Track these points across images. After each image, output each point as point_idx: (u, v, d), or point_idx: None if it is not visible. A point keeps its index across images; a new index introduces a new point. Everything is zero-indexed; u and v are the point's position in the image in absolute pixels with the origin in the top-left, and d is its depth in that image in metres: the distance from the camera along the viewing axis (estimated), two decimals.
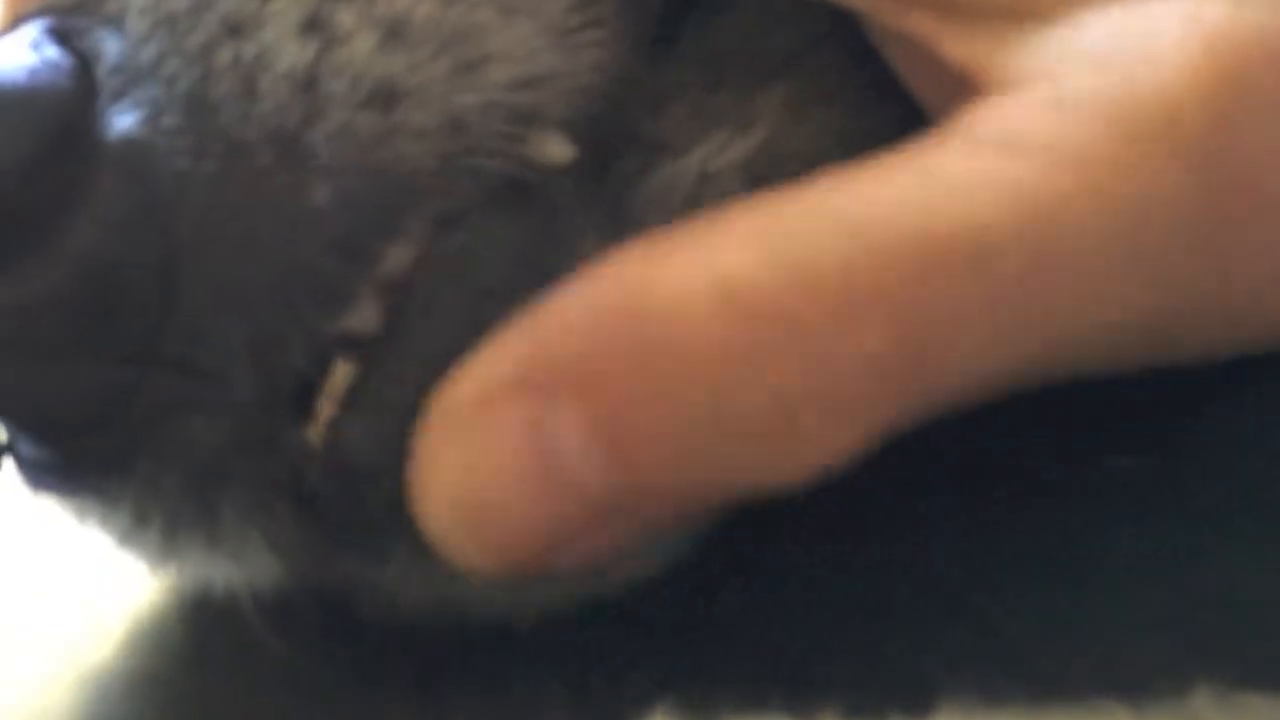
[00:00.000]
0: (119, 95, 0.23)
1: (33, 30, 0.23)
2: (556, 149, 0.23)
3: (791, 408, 0.21)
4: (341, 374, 0.23)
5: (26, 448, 0.24)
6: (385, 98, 0.23)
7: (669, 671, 0.24)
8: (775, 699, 0.23)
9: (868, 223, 0.21)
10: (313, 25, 0.23)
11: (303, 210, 0.22)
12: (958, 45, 0.22)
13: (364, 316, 0.23)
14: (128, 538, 0.25)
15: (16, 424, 0.23)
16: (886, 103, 0.25)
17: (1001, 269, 0.21)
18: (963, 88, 0.22)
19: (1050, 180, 0.21)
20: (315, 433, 0.23)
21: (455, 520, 0.21)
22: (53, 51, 0.23)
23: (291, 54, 0.23)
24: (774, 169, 0.24)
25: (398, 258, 0.23)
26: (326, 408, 0.23)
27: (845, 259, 0.21)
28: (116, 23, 0.23)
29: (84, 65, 0.23)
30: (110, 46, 0.23)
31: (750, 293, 0.20)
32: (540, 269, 0.23)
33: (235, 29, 0.23)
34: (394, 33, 0.23)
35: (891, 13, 0.22)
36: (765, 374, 0.20)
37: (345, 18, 0.23)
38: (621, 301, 0.21)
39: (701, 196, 0.24)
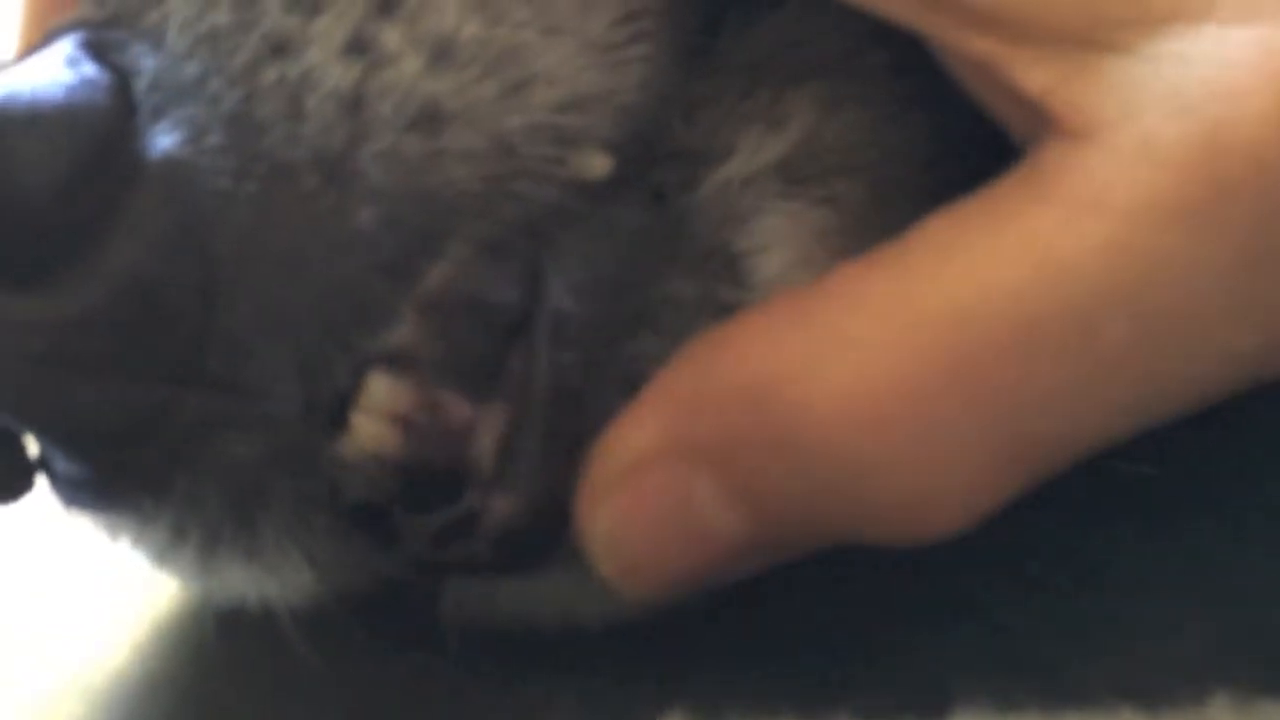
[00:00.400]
0: (158, 113, 0.23)
1: (68, 45, 0.23)
2: (596, 163, 0.23)
3: (912, 499, 0.22)
4: (376, 387, 0.23)
5: (61, 464, 0.24)
6: (431, 120, 0.23)
7: (681, 676, 0.25)
8: (788, 704, 0.23)
9: (971, 311, 0.22)
10: (357, 45, 0.23)
11: (346, 232, 0.22)
12: (1030, 72, 0.22)
13: (403, 333, 0.23)
14: (164, 554, 0.25)
15: (52, 441, 0.23)
16: (920, 107, 0.25)
17: (1109, 338, 0.21)
18: (1037, 113, 0.22)
19: (1151, 242, 0.21)
20: (350, 444, 0.23)
21: (611, 564, 0.24)
22: (90, 68, 0.23)
23: (337, 75, 0.23)
24: (810, 165, 0.24)
25: (439, 277, 0.23)
26: (361, 420, 0.23)
27: (957, 353, 0.22)
28: (154, 38, 0.23)
29: (121, 82, 0.23)
30: (148, 63, 0.23)
31: (868, 399, 0.22)
32: (626, 302, 0.24)
33: (279, 48, 0.23)
34: (440, 53, 0.23)
35: (960, 37, 0.22)
36: (888, 469, 0.22)
37: (390, 37, 0.23)
38: (750, 391, 0.22)
39: (745, 201, 0.24)
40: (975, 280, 0.22)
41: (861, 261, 0.23)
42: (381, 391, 0.23)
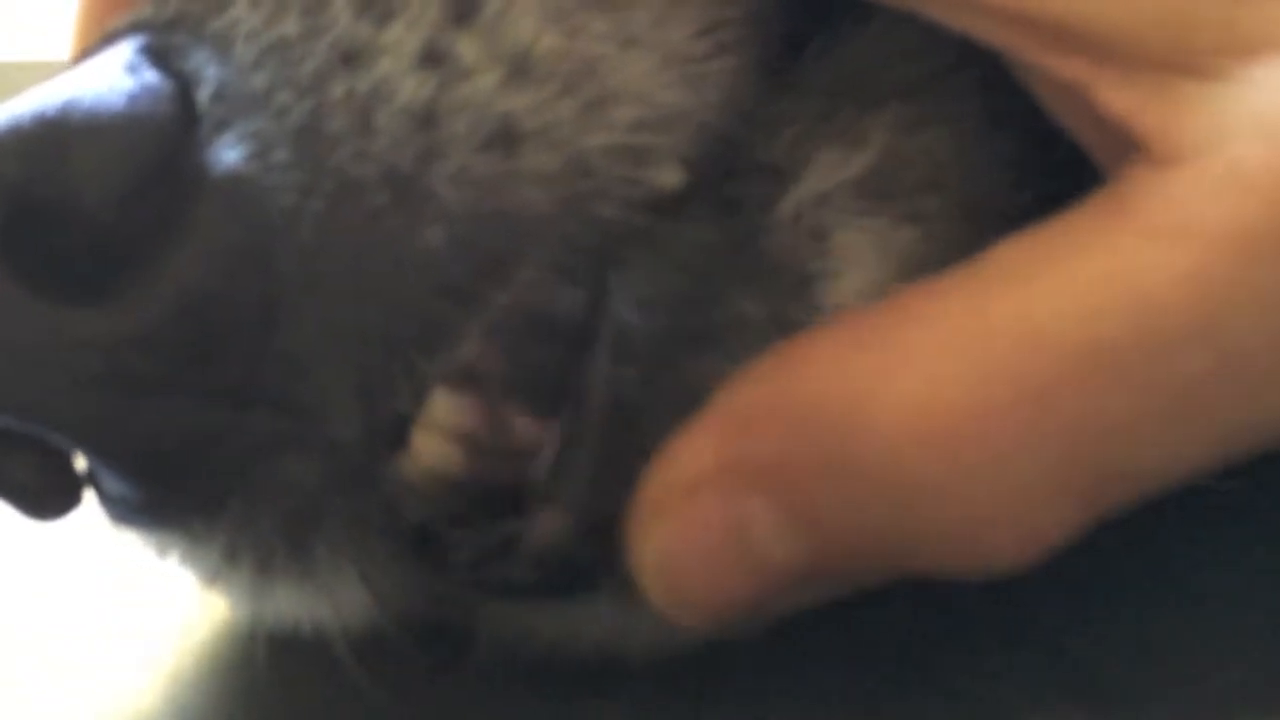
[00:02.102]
0: (222, 125, 0.22)
1: (127, 49, 0.22)
2: (669, 177, 0.23)
3: (977, 527, 0.21)
4: (440, 404, 0.22)
5: (111, 482, 0.23)
6: (506, 139, 0.22)
7: (730, 705, 0.24)
8: None
9: (1047, 334, 0.21)
10: (432, 57, 0.22)
11: (413, 253, 0.22)
12: (1116, 95, 0.21)
13: (467, 349, 0.22)
14: (215, 575, 0.24)
15: (104, 460, 0.23)
16: (1008, 127, 0.24)
17: (1188, 370, 0.21)
18: (1121, 137, 0.21)
19: (1236, 272, 0.20)
20: (412, 463, 0.22)
21: (662, 589, 0.23)
22: (151, 75, 0.22)
23: (409, 88, 0.22)
24: (890, 183, 0.24)
25: (506, 299, 0.22)
26: (423, 438, 0.22)
27: (1030, 376, 0.21)
28: (219, 44, 0.22)
29: (183, 91, 0.22)
30: (211, 71, 0.22)
31: (938, 418, 0.21)
32: (692, 319, 0.23)
33: (349, 58, 0.22)
34: (518, 68, 0.22)
35: (1045, 58, 0.22)
36: (954, 495, 0.21)
37: (466, 50, 0.22)
38: (807, 416, 0.22)
39: (822, 219, 0.23)
40: (1051, 304, 0.21)
41: (932, 282, 0.22)
42: (445, 408, 0.22)
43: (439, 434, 0.23)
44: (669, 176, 0.23)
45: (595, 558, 0.23)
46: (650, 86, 0.22)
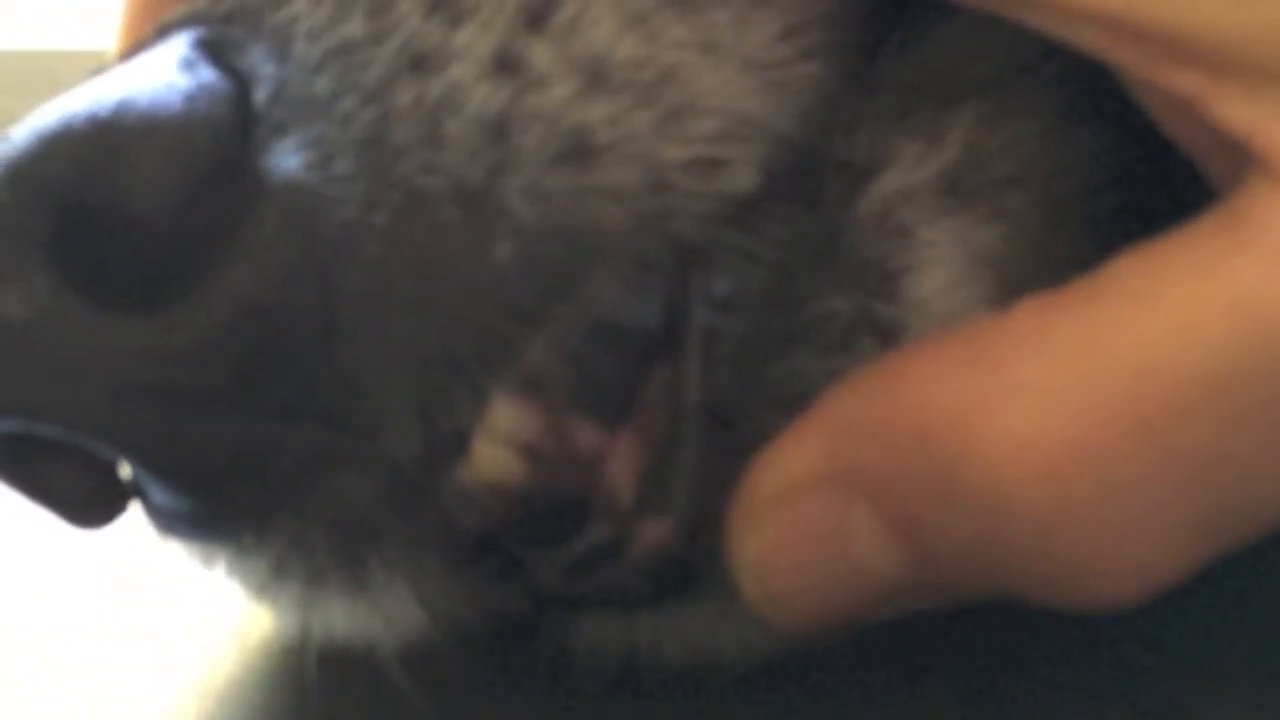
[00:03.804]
0: (281, 130, 0.21)
1: (182, 44, 0.21)
2: (745, 183, 0.22)
3: (1084, 563, 0.21)
4: (502, 413, 0.21)
5: (159, 494, 0.23)
6: (581, 153, 0.21)
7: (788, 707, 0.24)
8: None
9: (1164, 364, 0.20)
10: (505, 64, 0.21)
11: (482, 271, 0.21)
12: (1234, 109, 0.20)
13: (531, 358, 0.21)
14: (263, 589, 0.24)
15: (152, 473, 0.22)
16: (1093, 123, 0.23)
17: None
18: (1240, 153, 0.20)
19: None
20: (472, 473, 0.22)
21: (760, 592, 0.22)
22: (208, 73, 0.21)
23: (481, 97, 0.21)
24: (975, 176, 0.23)
25: (575, 313, 0.21)
26: (485, 447, 0.22)
27: (1131, 417, 0.20)
28: (278, 42, 0.21)
29: (241, 90, 0.21)
30: (268, 70, 0.21)
31: (1045, 452, 0.20)
32: (778, 318, 0.22)
33: (419, 62, 0.21)
34: (594, 77, 0.21)
35: (1158, 71, 0.21)
36: (1060, 529, 0.20)
37: (540, 56, 0.21)
38: (916, 425, 0.21)
39: (907, 214, 0.22)
40: (1169, 331, 0.20)
41: (1046, 299, 0.21)
42: (508, 417, 0.22)
43: (501, 444, 0.22)
44: (745, 183, 0.22)
45: (698, 562, 0.23)
46: (730, 95, 0.21)
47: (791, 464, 0.22)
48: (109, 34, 0.29)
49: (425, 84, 0.21)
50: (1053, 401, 0.20)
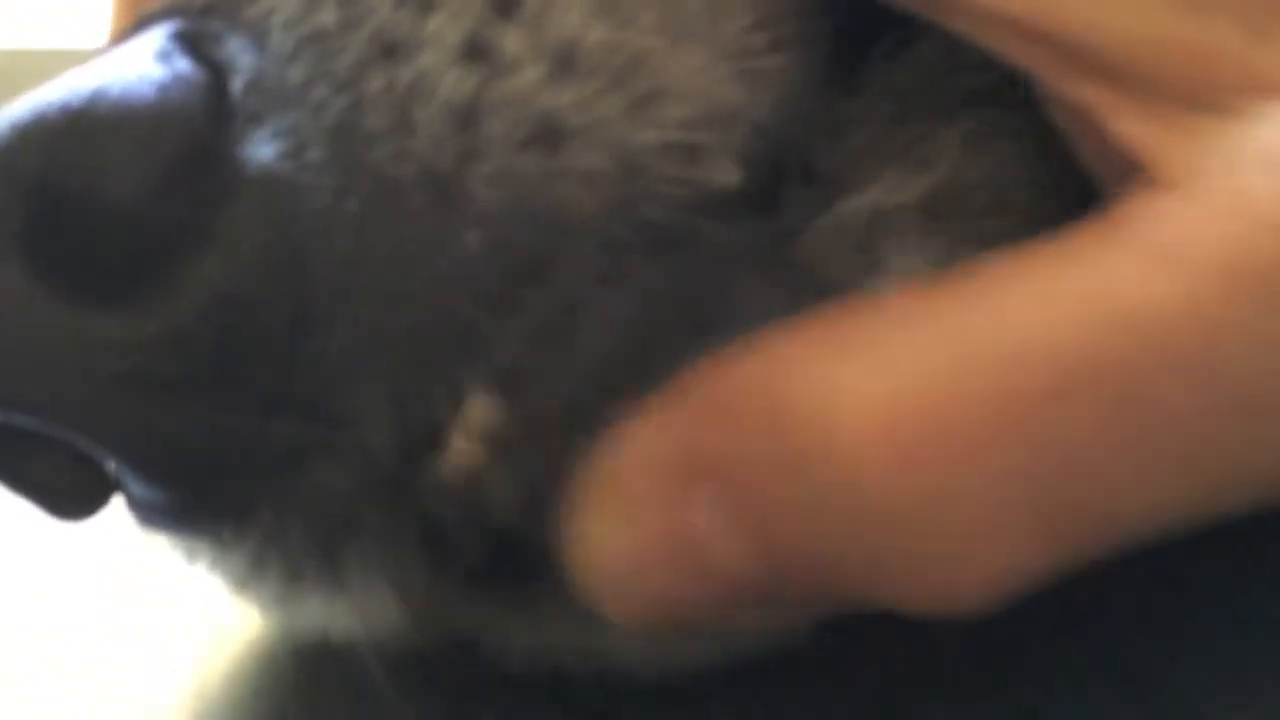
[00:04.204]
0: (256, 120, 0.21)
1: (159, 35, 0.21)
2: (723, 175, 0.21)
3: (922, 546, 0.20)
4: (477, 408, 0.21)
5: (138, 487, 0.23)
6: (550, 137, 0.21)
7: None
8: None
9: (1027, 348, 0.19)
10: (474, 50, 0.21)
11: (452, 258, 0.21)
12: (1129, 123, 0.20)
13: (504, 357, 0.21)
14: (243, 583, 0.23)
15: (128, 465, 0.22)
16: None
17: (1172, 401, 0.19)
18: (1129, 167, 0.20)
19: (1233, 302, 0.19)
20: (448, 467, 0.21)
21: (598, 583, 0.21)
22: (184, 64, 0.21)
23: (451, 83, 0.21)
24: (954, 206, 0.22)
25: (548, 304, 0.21)
26: (460, 441, 0.21)
27: (983, 396, 0.19)
28: (255, 33, 0.21)
29: (217, 81, 0.21)
30: (245, 60, 0.21)
31: (901, 429, 0.19)
32: (698, 315, 0.22)
33: (390, 50, 0.21)
34: (563, 62, 0.21)
35: (1062, 77, 0.21)
36: (911, 519, 0.20)
37: (511, 43, 0.21)
38: (767, 408, 0.20)
39: (876, 236, 0.22)
40: (1037, 318, 0.20)
41: (921, 289, 0.21)
42: (482, 410, 0.21)
43: (474, 437, 0.22)
44: (725, 176, 0.22)
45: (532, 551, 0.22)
46: (703, 82, 0.21)
47: (635, 445, 0.21)
48: (91, 34, 0.29)
49: (396, 71, 0.21)
50: (915, 382, 0.20)
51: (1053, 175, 0.23)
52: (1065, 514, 0.20)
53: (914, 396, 0.20)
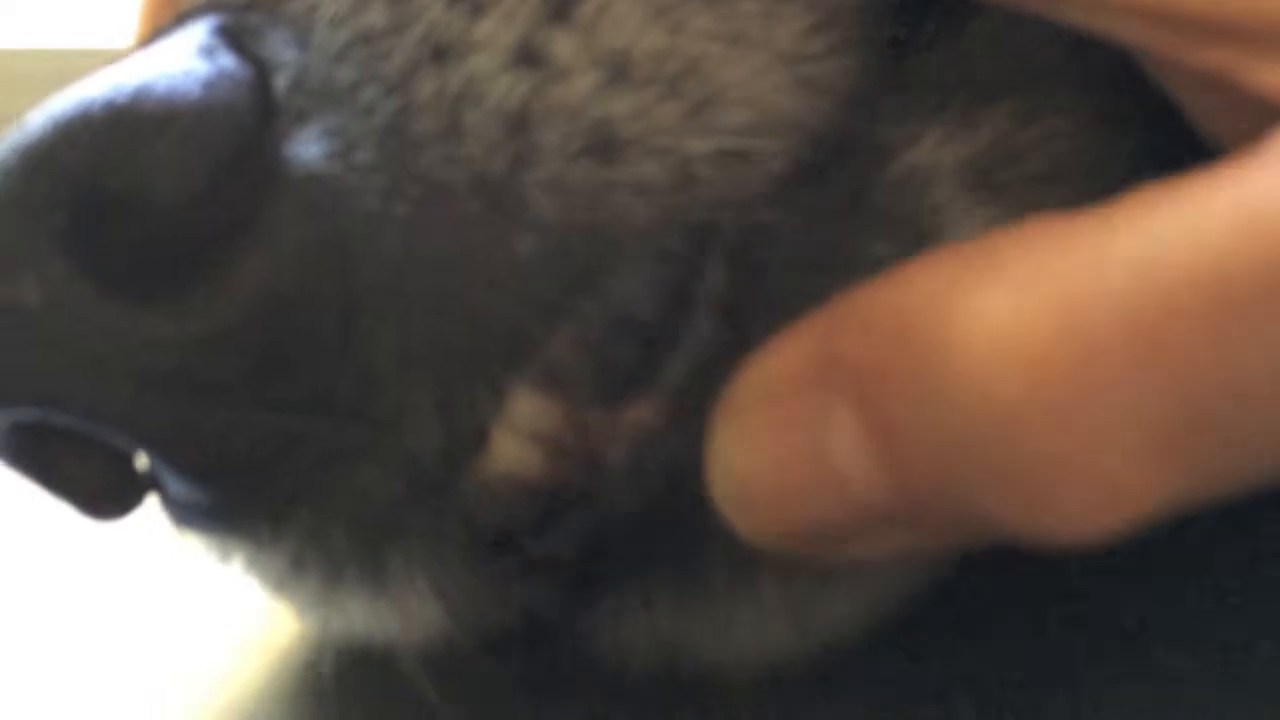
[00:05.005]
0: (302, 119, 0.20)
1: (201, 31, 0.21)
2: (774, 171, 0.21)
3: (1051, 476, 0.19)
4: (521, 406, 0.21)
5: (176, 486, 0.22)
6: (605, 146, 0.20)
7: None
8: None
9: (1156, 266, 0.19)
10: (526, 55, 0.21)
11: (502, 264, 0.20)
12: (1264, 75, 0.20)
13: (552, 356, 0.21)
14: (281, 584, 0.23)
15: (170, 464, 0.21)
16: (1126, 122, 0.23)
17: None
18: (1268, 115, 0.20)
19: None
20: (492, 469, 0.21)
21: (733, 500, 0.21)
22: (228, 60, 0.21)
23: (502, 88, 0.20)
24: (1005, 166, 0.22)
25: (597, 310, 0.21)
26: (503, 441, 0.21)
27: (1126, 309, 0.19)
28: (298, 30, 0.21)
29: (261, 78, 0.21)
30: (289, 56, 0.21)
31: (1021, 347, 0.19)
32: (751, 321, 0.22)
33: (440, 52, 0.21)
34: (617, 70, 0.21)
35: (1189, 51, 0.20)
36: (1037, 426, 0.19)
37: (562, 48, 0.21)
38: (904, 324, 0.20)
39: (930, 196, 0.22)
40: (1174, 231, 0.19)
41: (1059, 213, 0.20)
42: (528, 411, 0.21)
43: (519, 437, 0.21)
44: (775, 177, 0.21)
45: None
46: (759, 88, 0.21)
47: (776, 361, 0.21)
48: (115, 33, 0.29)
49: (446, 75, 0.21)
50: (1043, 288, 0.19)
51: (1106, 154, 0.23)
52: (1211, 445, 0.19)
53: (1051, 309, 0.19)
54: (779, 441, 0.21)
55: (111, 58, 0.22)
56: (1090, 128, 0.23)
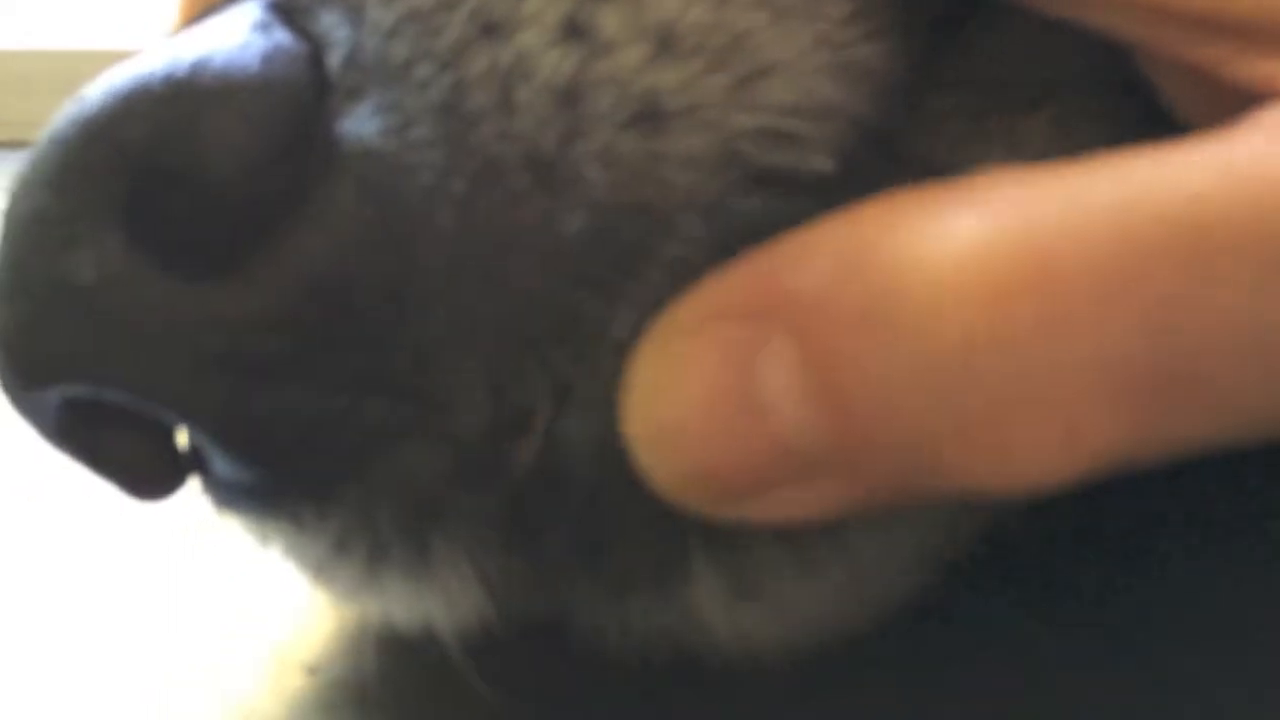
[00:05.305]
0: (356, 95, 0.21)
1: (254, 7, 0.21)
2: (818, 165, 0.21)
3: (1005, 415, 0.18)
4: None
5: (222, 466, 0.22)
6: (652, 118, 0.20)
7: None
8: None
9: (1134, 205, 0.18)
10: (574, 29, 0.21)
11: (554, 240, 0.20)
12: (1255, 67, 0.20)
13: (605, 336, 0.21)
14: (321, 568, 0.23)
15: (219, 442, 0.21)
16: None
17: None
18: (1254, 101, 0.20)
19: None
20: (528, 446, 0.21)
21: (650, 440, 0.20)
22: (283, 35, 0.21)
23: (552, 62, 0.21)
24: None
25: (647, 289, 0.21)
26: (540, 420, 0.21)
27: (1100, 244, 0.18)
28: (349, 6, 0.21)
29: (315, 53, 0.21)
30: (341, 33, 0.21)
31: (985, 272, 0.18)
32: None
33: (490, 29, 0.21)
34: (664, 42, 0.21)
35: (1183, 46, 0.21)
36: (995, 359, 0.18)
37: (609, 21, 0.21)
38: (857, 248, 0.19)
39: None
40: (1155, 176, 0.18)
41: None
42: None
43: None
44: (820, 163, 0.21)
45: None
46: (803, 69, 0.21)
47: (713, 292, 0.20)
48: (116, 34, 0.29)
49: (497, 50, 0.21)
50: (1013, 219, 0.18)
51: None
52: (1159, 386, 0.19)
53: (1020, 239, 0.18)
54: (704, 374, 0.19)
55: (113, 59, 0.22)
56: (1127, 132, 0.23)
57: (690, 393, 0.19)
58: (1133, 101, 0.23)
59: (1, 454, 0.35)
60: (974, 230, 0.18)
